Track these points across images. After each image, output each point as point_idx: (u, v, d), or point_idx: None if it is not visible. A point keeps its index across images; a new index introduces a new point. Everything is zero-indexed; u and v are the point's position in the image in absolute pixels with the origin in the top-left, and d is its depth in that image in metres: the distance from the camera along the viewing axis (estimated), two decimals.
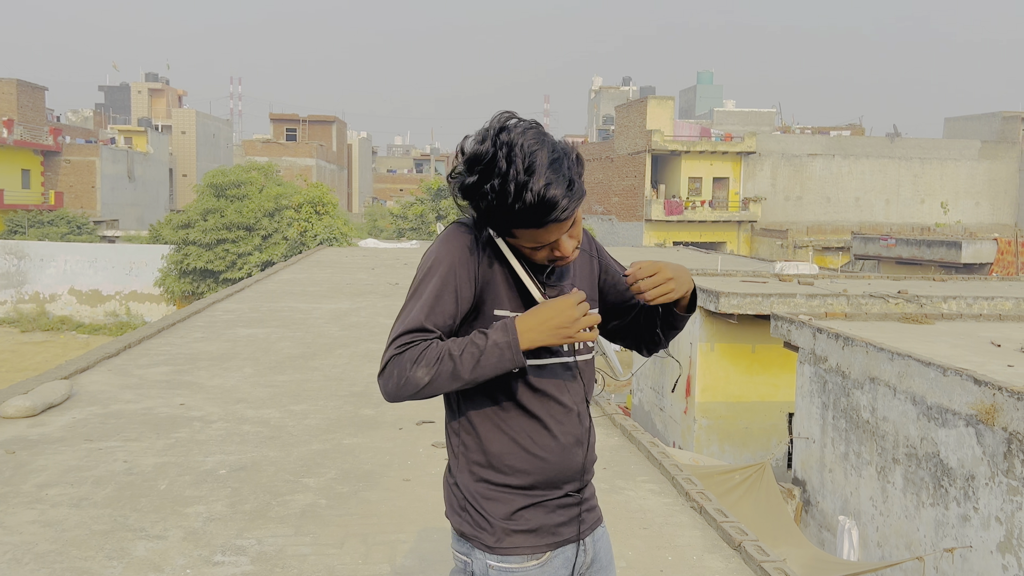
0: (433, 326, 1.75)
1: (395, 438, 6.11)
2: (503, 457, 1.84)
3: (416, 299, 1.77)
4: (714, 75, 67.56)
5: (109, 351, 8.72)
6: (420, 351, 1.70)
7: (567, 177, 1.67)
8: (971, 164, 44.31)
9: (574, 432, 1.89)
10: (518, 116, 1.73)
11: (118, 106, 71.85)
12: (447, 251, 1.79)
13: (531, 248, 1.77)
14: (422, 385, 1.70)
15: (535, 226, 1.69)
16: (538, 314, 1.73)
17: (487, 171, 1.66)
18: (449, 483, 1.93)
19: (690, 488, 4.95)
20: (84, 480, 4.97)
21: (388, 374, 1.72)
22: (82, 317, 33.48)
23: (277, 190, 32.53)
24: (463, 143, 1.73)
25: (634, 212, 40.83)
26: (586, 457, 1.92)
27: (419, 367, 1.69)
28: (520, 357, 1.73)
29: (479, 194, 1.69)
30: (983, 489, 6.80)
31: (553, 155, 1.67)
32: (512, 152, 1.64)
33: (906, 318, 10.90)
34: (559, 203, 1.66)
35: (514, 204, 1.65)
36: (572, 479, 1.90)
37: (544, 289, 1.85)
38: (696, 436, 13.32)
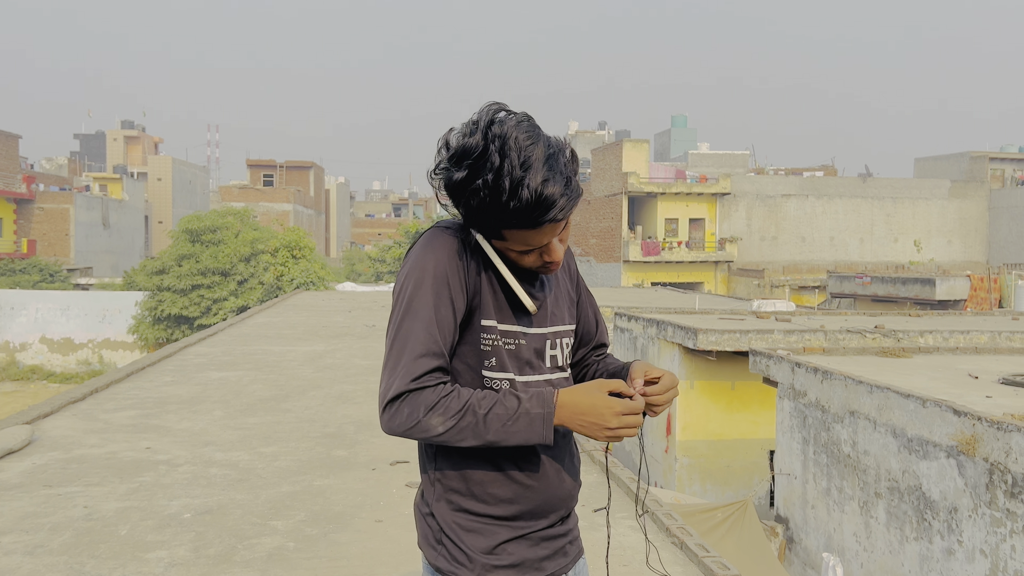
0: (440, 348, 1.59)
1: (368, 479, 5.94)
2: (486, 485, 1.67)
3: (413, 317, 1.60)
4: (688, 118, 68.55)
5: (75, 396, 8.49)
6: (438, 397, 1.55)
7: (564, 174, 1.55)
8: (942, 203, 45.02)
9: (560, 456, 1.75)
10: (508, 108, 1.60)
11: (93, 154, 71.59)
12: (434, 259, 1.62)
13: (520, 252, 1.64)
14: (434, 434, 1.55)
15: (530, 226, 1.56)
16: (577, 403, 1.58)
17: (478, 166, 1.52)
18: (423, 512, 1.75)
19: (670, 524, 4.82)
20: (40, 527, 4.76)
21: (397, 410, 1.56)
22: (53, 366, 32.91)
23: (253, 235, 32.39)
24: (448, 136, 1.59)
25: (612, 253, 41.01)
26: (572, 484, 1.79)
27: (435, 414, 1.54)
28: (551, 434, 1.59)
29: (469, 191, 1.54)
30: (967, 521, 6.71)
31: (549, 150, 1.55)
32: (506, 145, 1.51)
33: (884, 352, 10.89)
34: (557, 201, 1.54)
35: (509, 202, 1.51)
36: (557, 507, 1.75)
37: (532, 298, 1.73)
38: (678, 475, 13.17)
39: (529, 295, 1.71)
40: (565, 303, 1.84)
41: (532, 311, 1.70)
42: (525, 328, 1.71)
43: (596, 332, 1.95)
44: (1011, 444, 6.17)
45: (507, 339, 1.68)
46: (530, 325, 1.72)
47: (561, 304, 1.82)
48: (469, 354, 1.67)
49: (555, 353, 1.78)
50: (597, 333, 1.96)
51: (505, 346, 1.68)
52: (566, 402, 1.59)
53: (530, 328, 1.72)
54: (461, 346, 1.67)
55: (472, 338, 1.67)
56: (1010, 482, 6.20)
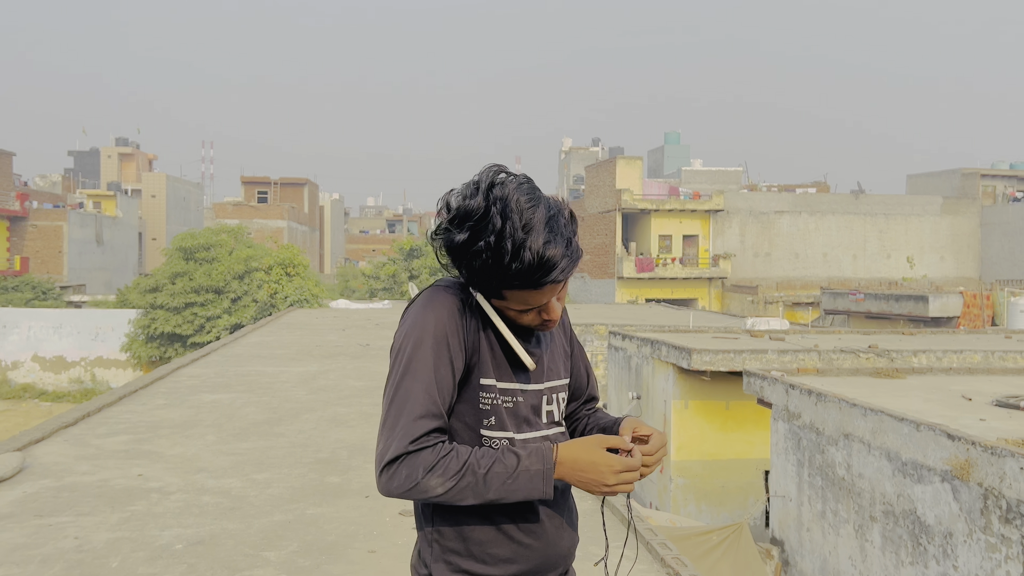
0: (439, 409, 1.59)
1: (361, 507, 5.91)
2: (485, 545, 1.65)
3: (413, 377, 1.58)
4: (681, 135, 68.85)
5: (66, 420, 8.44)
6: (437, 457, 1.54)
7: (565, 236, 1.56)
8: (934, 219, 45.24)
9: (559, 512, 1.74)
10: (508, 170, 1.60)
11: (88, 171, 71.55)
12: (434, 318, 1.61)
13: (519, 311, 1.64)
14: (433, 495, 1.54)
15: (531, 287, 1.56)
16: (577, 459, 1.58)
17: (480, 228, 1.53)
18: (420, 574, 1.72)
19: (665, 553, 4.80)
20: (31, 559, 4.72)
21: (395, 472, 1.54)
22: (45, 384, 32.74)
23: (247, 252, 32.33)
24: (448, 198, 1.60)
25: (606, 269, 41.06)
26: (571, 540, 1.78)
27: (434, 475, 1.53)
28: (551, 490, 1.59)
29: (471, 252, 1.55)
30: (962, 546, 6.70)
31: (550, 212, 1.56)
32: (507, 208, 1.52)
33: (878, 373, 10.90)
34: (559, 263, 1.54)
35: (511, 264, 1.52)
36: (557, 564, 1.74)
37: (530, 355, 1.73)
38: (673, 496, 13.13)
39: (527, 351, 1.71)
40: (560, 357, 1.84)
41: (531, 368, 1.70)
42: (523, 385, 1.71)
43: (587, 386, 1.96)
44: (1005, 469, 6.17)
45: (506, 397, 1.68)
46: (528, 382, 1.72)
47: (557, 359, 1.82)
48: (467, 413, 1.67)
49: (551, 408, 1.78)
50: (588, 387, 1.96)
51: (503, 404, 1.67)
52: (565, 459, 1.59)
53: (528, 384, 1.72)
54: (459, 404, 1.67)
55: (470, 396, 1.66)
56: (1004, 507, 6.20)
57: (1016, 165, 52.43)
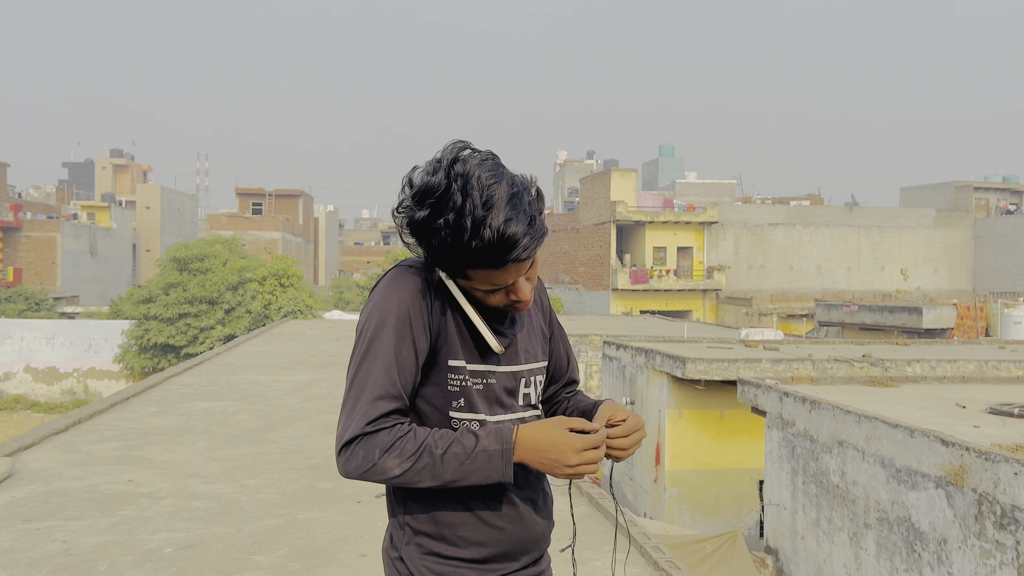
0: (399, 391, 1.56)
1: (352, 512, 5.87)
2: (457, 528, 1.63)
3: (373, 359, 1.56)
4: (675, 148, 69.07)
5: (56, 427, 8.38)
6: (394, 438, 1.51)
7: (528, 213, 1.52)
8: (928, 232, 45.40)
9: (533, 496, 1.71)
10: (473, 146, 1.57)
11: (82, 182, 71.45)
12: (397, 299, 1.59)
13: (485, 291, 1.60)
14: (390, 476, 1.51)
15: (493, 266, 1.53)
16: (537, 439, 1.55)
17: (440, 205, 1.49)
18: (391, 557, 1.70)
19: (658, 557, 4.77)
20: (17, 563, 4.67)
21: (352, 453, 1.52)
22: (38, 396, 32.57)
23: (241, 263, 32.29)
24: (411, 174, 1.56)
25: (600, 281, 41.08)
26: (545, 524, 1.75)
27: (391, 456, 1.50)
28: (510, 471, 1.55)
29: (431, 230, 1.52)
30: (956, 553, 6.67)
31: (512, 189, 1.52)
32: (468, 184, 1.48)
33: (871, 381, 10.89)
34: (520, 241, 1.50)
35: (471, 242, 1.48)
36: (530, 549, 1.71)
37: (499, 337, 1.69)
38: (667, 505, 13.09)
39: (498, 333, 1.68)
40: (538, 339, 1.80)
41: (497, 351, 1.66)
42: (494, 367, 1.67)
43: (567, 369, 1.92)
44: (999, 475, 6.16)
45: (476, 379, 1.64)
46: (499, 363, 1.68)
47: (534, 341, 1.79)
48: (435, 395, 1.63)
49: (528, 391, 1.74)
50: (568, 370, 1.92)
51: (474, 386, 1.64)
52: (526, 439, 1.55)
53: (499, 367, 1.68)
54: (426, 387, 1.63)
55: (438, 379, 1.63)
56: (999, 513, 6.18)
57: (1009, 178, 52.71)
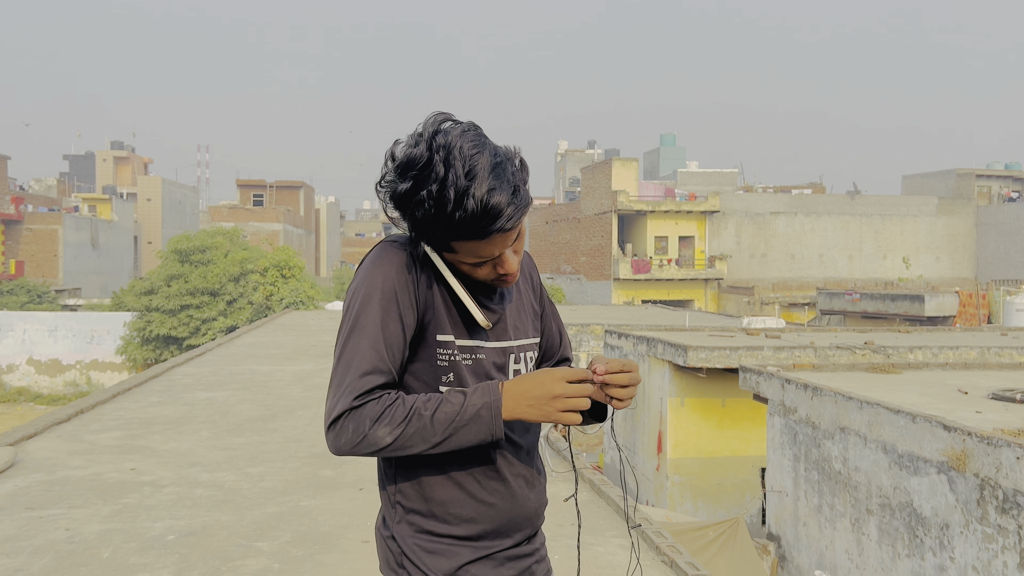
0: (387, 365, 1.55)
1: (355, 499, 5.87)
2: (447, 505, 1.62)
3: (360, 334, 1.55)
4: (676, 137, 68.88)
5: (60, 417, 8.40)
6: (383, 407, 1.50)
7: (511, 183, 1.50)
8: (930, 220, 45.31)
9: (524, 473, 1.70)
10: (454, 118, 1.56)
11: (83, 174, 71.40)
12: (382, 274, 1.57)
13: (472, 264, 1.59)
14: (383, 446, 1.50)
15: (477, 237, 1.51)
16: (521, 382, 1.54)
17: (422, 177, 1.48)
18: (383, 536, 1.69)
19: (660, 542, 4.78)
20: (21, 550, 4.68)
21: (341, 428, 1.50)
22: (40, 388, 32.62)
23: (242, 254, 32.26)
24: (393, 148, 1.54)
25: (602, 271, 41.05)
26: (537, 500, 1.73)
27: (381, 425, 1.49)
28: (500, 426, 1.53)
29: (414, 203, 1.50)
30: (958, 538, 6.67)
31: (495, 159, 1.50)
32: (450, 155, 1.47)
33: (873, 368, 10.88)
34: (504, 211, 1.48)
35: (454, 213, 1.46)
36: (523, 526, 1.70)
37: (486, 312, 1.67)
38: (669, 493, 13.10)
39: (486, 308, 1.66)
40: (528, 316, 1.79)
41: (484, 326, 1.64)
42: (482, 342, 1.66)
43: (560, 346, 1.91)
44: (1001, 459, 6.15)
45: (464, 354, 1.63)
46: (488, 339, 1.67)
47: (524, 317, 1.77)
48: (424, 371, 1.62)
49: (519, 367, 1.72)
50: (561, 347, 1.91)
51: (463, 361, 1.63)
52: (512, 391, 1.54)
53: (488, 342, 1.67)
54: (415, 363, 1.62)
55: (427, 354, 1.62)
56: (1001, 497, 6.18)
57: (1011, 165, 52.58)
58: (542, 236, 50.00)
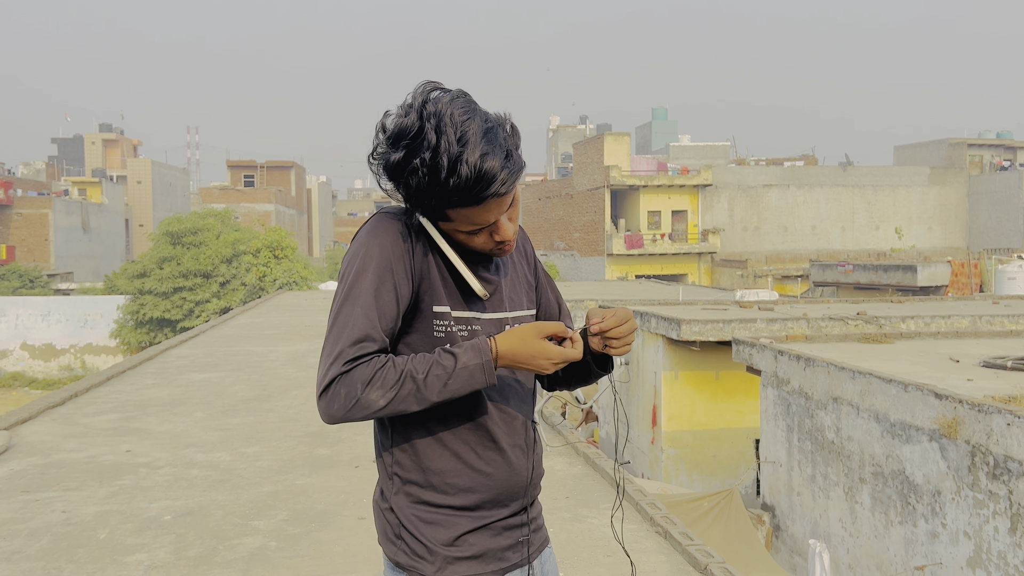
0: (379, 334, 1.55)
1: (350, 476, 5.90)
2: (444, 475, 1.63)
3: (353, 303, 1.55)
4: (668, 111, 68.69)
5: (54, 400, 8.39)
6: (373, 370, 1.51)
7: (504, 147, 1.51)
8: (922, 190, 45.34)
9: (519, 442, 1.71)
10: (442, 86, 1.56)
11: (72, 158, 70.89)
12: (378, 244, 1.58)
13: (468, 233, 1.59)
14: (375, 409, 1.51)
15: (473, 203, 1.51)
16: (516, 352, 1.57)
17: (415, 146, 1.49)
18: (381, 508, 1.70)
19: (654, 513, 4.81)
20: (17, 533, 4.70)
21: (333, 394, 1.51)
22: (35, 372, 32.60)
23: (234, 235, 32.18)
24: (384, 120, 1.55)
25: (595, 247, 41.04)
26: (533, 470, 1.74)
27: (373, 388, 1.49)
28: (493, 376, 1.56)
29: (408, 171, 1.51)
30: (950, 504, 6.74)
31: (487, 124, 1.51)
32: (441, 123, 1.47)
33: (866, 338, 10.93)
34: (498, 175, 1.49)
35: (448, 179, 1.47)
36: (518, 495, 1.71)
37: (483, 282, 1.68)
38: (664, 466, 13.19)
39: (482, 279, 1.67)
40: (523, 287, 1.80)
41: (482, 296, 1.65)
42: (479, 313, 1.67)
43: (559, 315, 1.91)
44: (992, 426, 6.20)
45: (460, 326, 1.64)
46: (484, 310, 1.68)
47: (519, 288, 1.78)
48: (421, 343, 1.63)
49: None
50: (560, 316, 1.91)
51: (459, 332, 1.63)
52: (505, 352, 1.57)
53: (484, 313, 1.67)
54: (412, 335, 1.63)
55: (423, 326, 1.62)
56: (992, 464, 6.23)
57: (1003, 134, 52.58)
58: (535, 213, 49.92)
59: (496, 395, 1.69)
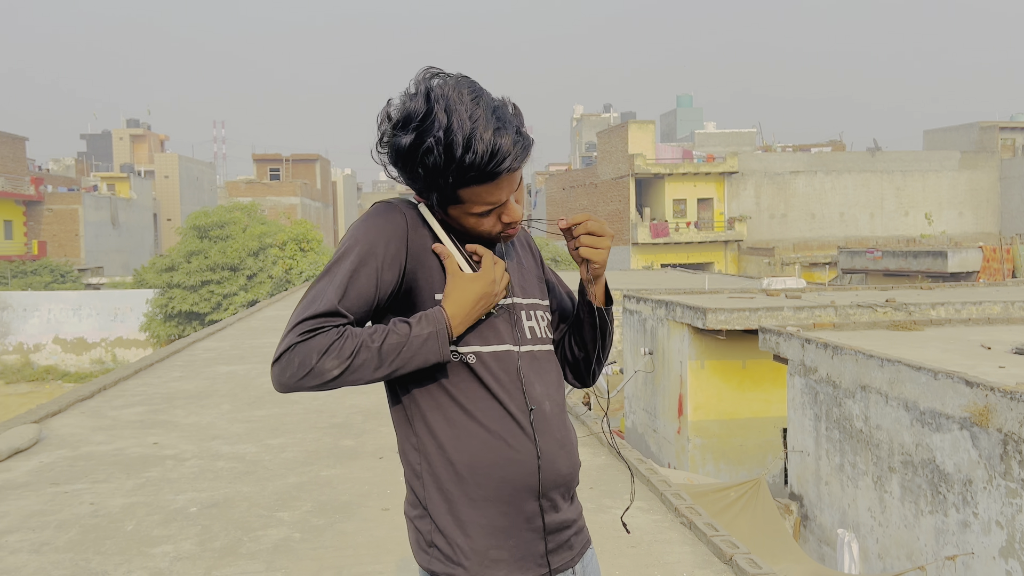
0: (346, 310, 1.52)
1: (375, 467, 5.91)
2: (475, 468, 1.56)
3: (328, 280, 1.54)
4: (693, 98, 68.08)
5: (83, 393, 8.50)
6: (330, 340, 1.48)
7: (513, 124, 1.54)
8: (952, 175, 44.62)
9: (557, 434, 1.64)
10: (443, 71, 1.57)
11: (100, 153, 71.74)
12: (370, 228, 1.58)
13: (479, 215, 1.59)
14: (330, 378, 1.48)
15: (488, 179, 1.52)
16: (452, 302, 1.56)
17: (425, 128, 1.49)
18: (412, 517, 1.64)
19: (679, 503, 4.77)
20: (47, 525, 4.76)
21: (287, 362, 1.47)
22: (67, 366, 33.07)
23: (261, 229, 32.39)
24: (387, 109, 1.55)
25: (620, 236, 40.85)
26: (571, 463, 1.66)
27: (328, 358, 1.46)
28: (446, 349, 1.55)
29: (421, 152, 1.50)
30: (982, 493, 6.63)
31: (494, 103, 1.54)
32: (450, 104, 1.49)
33: (895, 326, 10.78)
34: (511, 150, 1.52)
35: (464, 156, 1.48)
36: (559, 489, 1.63)
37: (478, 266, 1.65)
38: (691, 456, 13.12)
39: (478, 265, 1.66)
40: (534, 279, 1.79)
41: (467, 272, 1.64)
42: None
43: (574, 308, 1.89)
44: None
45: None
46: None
47: (529, 278, 1.78)
48: None
49: (532, 325, 1.71)
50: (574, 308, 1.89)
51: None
52: (454, 311, 1.57)
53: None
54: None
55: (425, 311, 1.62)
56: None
57: None
58: (559, 202, 49.78)
59: (522, 380, 1.62)
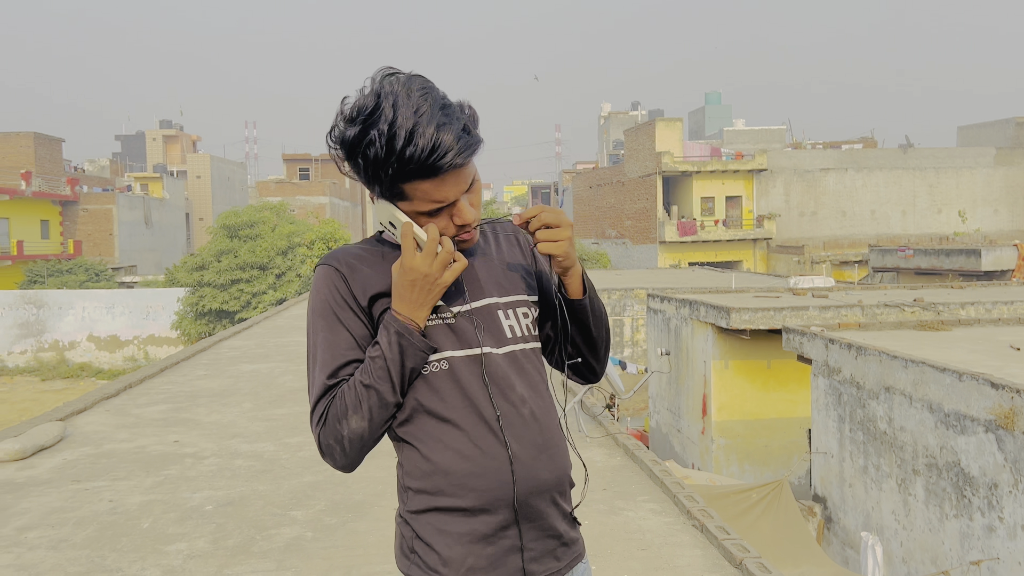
0: (340, 376, 1.57)
1: (389, 467, 5.92)
2: (451, 476, 1.54)
3: (312, 361, 1.60)
4: (722, 95, 67.52)
5: (108, 391, 8.62)
6: (337, 408, 1.53)
7: (460, 120, 1.53)
8: (987, 171, 43.83)
9: (534, 438, 1.59)
10: (399, 70, 1.58)
11: (134, 154, 72.77)
12: (316, 293, 1.63)
13: (427, 214, 1.57)
14: (364, 431, 1.51)
15: (430, 175, 1.51)
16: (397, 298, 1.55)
17: (371, 121, 1.50)
18: (397, 522, 1.64)
19: (692, 506, 4.73)
20: (66, 521, 4.83)
21: (328, 450, 1.54)
22: (101, 363, 33.60)
23: (289, 228, 32.64)
24: (342, 106, 1.57)
25: (648, 234, 40.65)
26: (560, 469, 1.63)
27: (349, 420, 1.50)
28: (421, 341, 1.54)
29: (365, 143, 1.51)
30: (1007, 497, 6.51)
31: (443, 100, 1.54)
32: (397, 99, 1.50)
33: (922, 326, 10.62)
34: (454, 145, 1.50)
35: (404, 149, 1.48)
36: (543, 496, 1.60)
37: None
38: (715, 456, 13.02)
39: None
40: (517, 274, 1.73)
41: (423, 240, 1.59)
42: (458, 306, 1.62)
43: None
44: None
45: (438, 315, 1.60)
46: (464, 301, 1.63)
47: (511, 275, 1.72)
48: None
49: (512, 323, 1.67)
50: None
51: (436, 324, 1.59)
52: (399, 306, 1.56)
53: (460, 306, 1.62)
54: None
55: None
56: None
57: None
58: (586, 201, 49.64)
59: (488, 385, 1.59)
